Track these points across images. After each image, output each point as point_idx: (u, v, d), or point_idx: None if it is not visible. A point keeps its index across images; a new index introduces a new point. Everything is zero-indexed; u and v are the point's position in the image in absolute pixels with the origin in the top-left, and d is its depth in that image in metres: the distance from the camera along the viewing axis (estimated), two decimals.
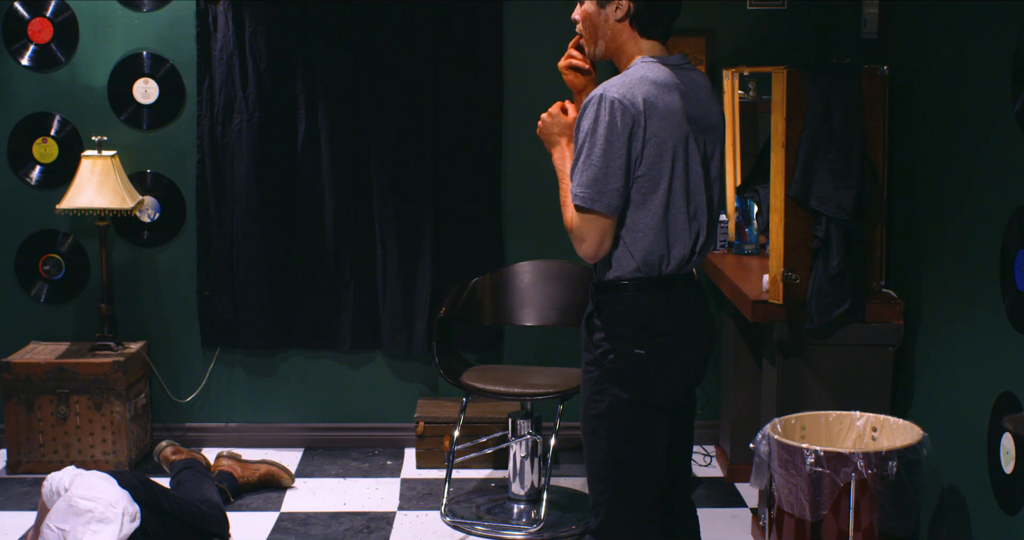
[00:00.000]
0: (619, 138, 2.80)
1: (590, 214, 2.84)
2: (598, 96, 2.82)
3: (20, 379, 4.80)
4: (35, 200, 5.05)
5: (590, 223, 2.85)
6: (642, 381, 2.94)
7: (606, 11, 2.95)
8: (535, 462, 4.44)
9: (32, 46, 4.97)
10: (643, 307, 2.92)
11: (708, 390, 5.10)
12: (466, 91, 4.95)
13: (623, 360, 2.92)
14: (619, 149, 2.80)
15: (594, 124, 2.81)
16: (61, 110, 5.01)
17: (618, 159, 2.81)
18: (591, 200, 2.82)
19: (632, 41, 2.95)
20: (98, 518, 3.59)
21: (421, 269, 4.99)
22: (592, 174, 2.81)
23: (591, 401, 2.98)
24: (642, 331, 2.92)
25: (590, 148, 2.82)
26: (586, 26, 3.01)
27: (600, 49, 3.01)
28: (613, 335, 2.93)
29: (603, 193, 2.81)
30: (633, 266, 2.90)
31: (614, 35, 2.96)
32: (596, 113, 2.81)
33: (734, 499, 4.61)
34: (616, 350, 2.92)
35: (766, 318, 3.94)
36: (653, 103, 2.83)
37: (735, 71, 4.84)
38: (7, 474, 4.87)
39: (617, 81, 2.86)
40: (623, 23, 2.94)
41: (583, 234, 2.87)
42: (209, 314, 5.06)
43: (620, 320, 2.93)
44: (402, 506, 4.55)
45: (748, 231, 4.72)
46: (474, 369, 4.52)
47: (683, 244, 2.93)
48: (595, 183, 2.81)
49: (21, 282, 5.10)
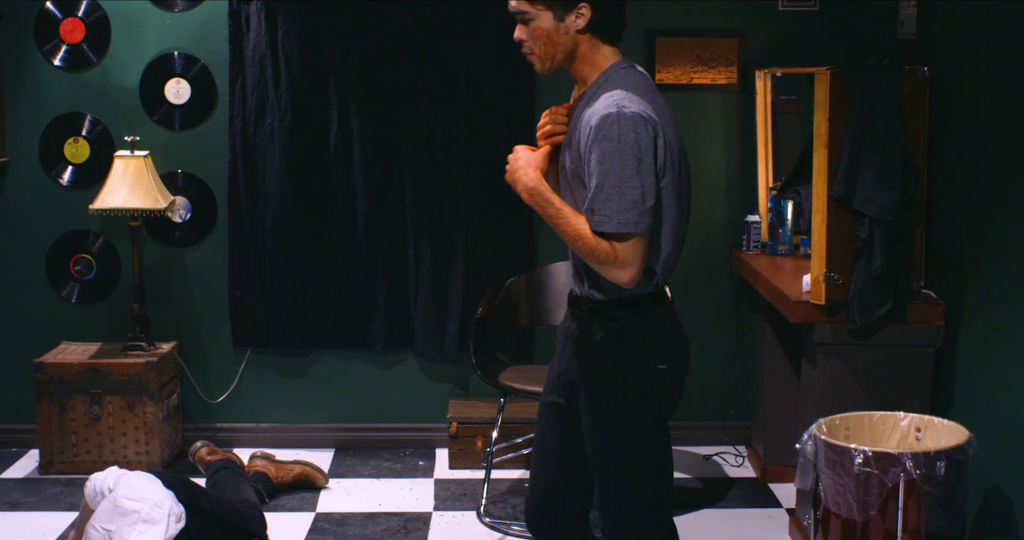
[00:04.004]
0: (647, 154, 2.69)
1: (634, 238, 2.72)
2: (615, 114, 2.67)
3: (53, 379, 4.80)
4: (66, 200, 5.05)
5: (635, 247, 2.73)
6: (667, 397, 2.92)
7: (565, 23, 2.80)
8: None
9: (64, 46, 4.96)
10: (657, 321, 2.88)
11: (740, 391, 5.11)
12: (499, 90, 4.95)
13: (650, 378, 2.86)
14: (648, 165, 2.70)
15: (620, 145, 2.67)
16: (92, 110, 5.00)
17: (650, 176, 2.70)
18: (635, 224, 2.70)
19: (593, 49, 2.83)
20: (144, 518, 3.59)
21: (453, 270, 4.99)
22: (632, 197, 2.68)
23: (616, 425, 2.88)
24: (659, 345, 2.88)
25: (622, 170, 2.67)
26: (542, 43, 2.82)
27: (556, 63, 2.86)
28: (637, 353, 2.85)
29: (643, 214, 2.71)
30: (656, 279, 2.84)
31: (575, 45, 2.82)
32: (619, 132, 2.67)
33: (769, 499, 4.61)
34: (640, 368, 2.85)
35: (808, 319, 3.94)
36: (661, 111, 2.78)
37: (767, 72, 4.84)
38: (39, 474, 4.86)
39: (622, 95, 2.71)
40: (584, 33, 2.81)
41: (630, 260, 2.73)
42: (241, 314, 5.06)
43: (641, 336, 2.85)
44: (437, 506, 4.55)
45: (782, 232, 4.72)
46: (510, 369, 4.52)
47: (678, 253, 2.90)
48: (635, 206, 2.69)
49: (52, 282, 5.10)
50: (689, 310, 5.01)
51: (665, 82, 4.96)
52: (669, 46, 4.96)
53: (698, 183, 5.00)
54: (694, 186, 4.91)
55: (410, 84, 4.93)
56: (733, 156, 5.03)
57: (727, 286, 5.08)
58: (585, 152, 2.73)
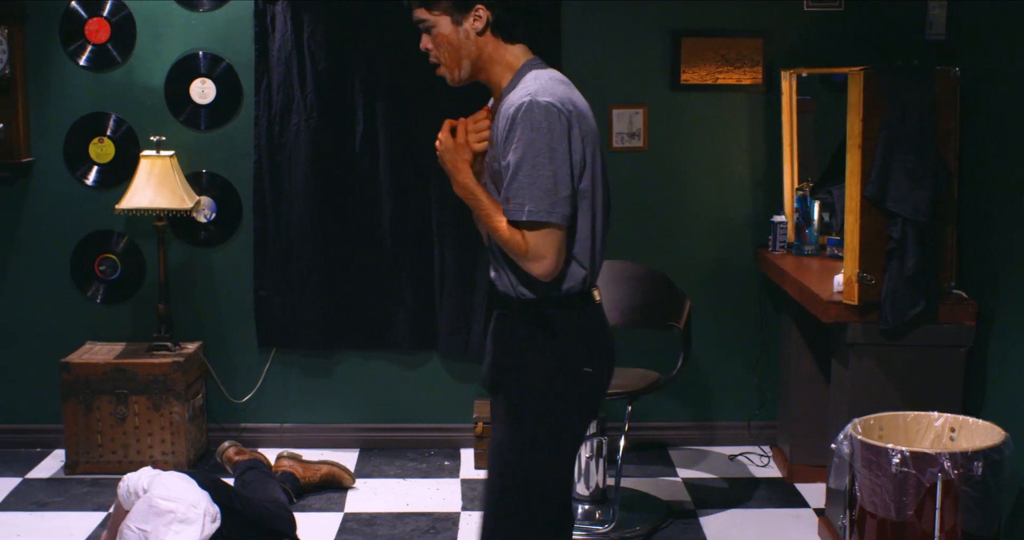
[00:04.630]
0: (560, 143, 2.65)
1: (546, 228, 2.67)
2: (527, 103, 2.64)
3: (79, 379, 4.79)
4: (91, 200, 5.05)
5: (547, 237, 2.67)
6: (587, 400, 2.84)
7: (464, 27, 2.75)
8: (600, 463, 4.44)
9: (90, 46, 4.96)
10: (586, 322, 2.81)
11: (765, 391, 5.11)
12: None
13: (573, 380, 2.79)
14: (562, 155, 2.66)
15: (534, 134, 2.63)
16: (117, 110, 5.00)
17: (564, 165, 2.66)
18: (546, 213, 2.65)
19: (499, 50, 2.78)
20: (180, 519, 3.59)
21: (479, 269, 4.99)
22: (544, 185, 2.64)
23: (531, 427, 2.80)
24: (588, 347, 2.81)
25: (535, 158, 2.64)
26: (445, 50, 2.78)
27: (465, 71, 2.80)
28: (564, 354, 2.78)
29: (556, 203, 2.65)
30: (583, 276, 2.77)
31: (479, 49, 2.77)
32: (532, 122, 2.63)
33: (796, 499, 4.61)
34: (567, 369, 2.78)
35: (840, 319, 3.95)
36: (575, 101, 2.73)
37: (793, 72, 4.84)
38: (65, 474, 4.86)
39: (536, 86, 2.68)
40: (485, 35, 2.76)
41: (542, 251, 2.68)
42: (265, 314, 5.06)
43: (568, 337, 2.78)
44: (465, 506, 4.55)
45: (808, 232, 4.73)
46: None
47: (603, 248, 2.85)
48: (547, 194, 2.65)
49: (77, 282, 5.09)
50: (714, 310, 5.02)
51: (690, 82, 4.97)
52: (694, 46, 4.96)
53: (722, 183, 5.05)
54: (719, 186, 5.02)
55: (435, 84, 4.89)
56: (758, 156, 5.03)
57: (752, 286, 5.08)
58: (502, 143, 2.69)
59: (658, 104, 5.00)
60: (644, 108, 4.99)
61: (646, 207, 5.05)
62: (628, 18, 4.96)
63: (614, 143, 5.01)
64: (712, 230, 5.06)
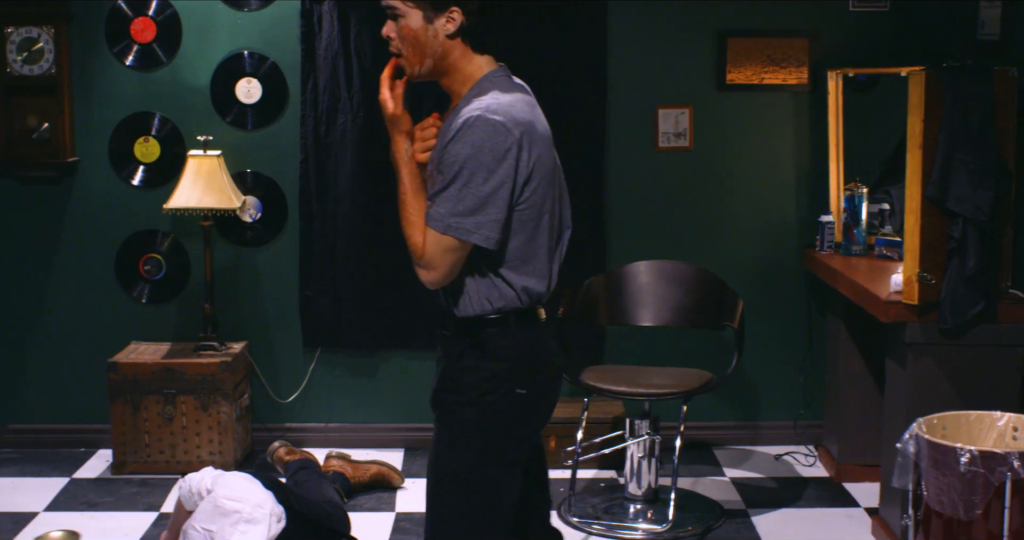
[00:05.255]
0: (502, 164, 2.54)
1: (456, 244, 2.57)
2: (475, 117, 2.53)
3: (127, 379, 4.79)
4: (136, 200, 5.04)
5: (450, 253, 2.57)
6: (521, 424, 2.73)
7: (435, 26, 2.63)
8: (652, 462, 4.44)
9: (135, 46, 4.95)
10: (524, 342, 2.68)
11: (811, 391, 5.12)
12: (570, 90, 4.95)
13: (505, 400, 2.68)
14: (502, 176, 2.55)
15: (475, 150, 2.53)
16: (162, 109, 5.00)
17: (501, 188, 2.55)
18: (466, 232, 2.55)
19: (465, 58, 2.66)
20: (246, 519, 3.58)
21: None
22: (472, 203, 2.54)
23: (453, 449, 2.70)
24: (524, 368, 2.69)
25: (469, 175, 2.53)
26: (409, 44, 2.66)
27: (426, 68, 2.68)
28: (494, 374, 2.66)
29: (482, 225, 2.55)
30: (513, 297, 2.66)
31: (445, 53, 2.65)
32: (477, 137, 2.53)
33: (845, 499, 4.62)
34: (497, 390, 2.66)
35: (899, 318, 3.95)
36: (531, 122, 2.62)
37: (839, 72, 4.85)
38: (112, 474, 4.85)
39: (492, 101, 2.58)
40: (455, 39, 2.64)
41: (436, 263, 2.58)
42: (311, 314, 5.05)
43: (502, 356, 2.66)
44: None
45: (856, 232, 4.73)
46: (591, 369, 4.52)
47: (554, 271, 2.76)
48: (474, 213, 2.54)
49: (122, 282, 5.09)
50: (759, 310, 5.02)
51: (736, 82, 4.97)
52: (740, 47, 4.96)
53: (768, 183, 5.05)
54: (765, 186, 5.02)
55: None
56: (803, 156, 5.04)
57: (798, 286, 5.09)
58: (440, 150, 2.59)
59: (704, 104, 5.00)
60: (690, 108, 5.00)
61: (691, 207, 5.06)
62: (674, 18, 4.96)
63: (660, 143, 5.01)
64: (757, 230, 5.07)
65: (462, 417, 2.69)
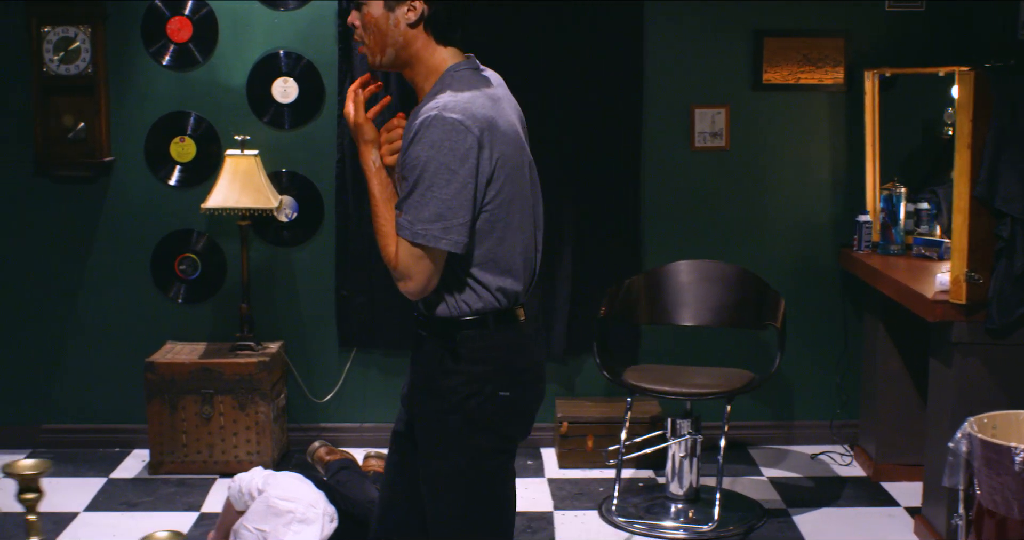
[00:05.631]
0: (464, 164, 2.48)
1: (427, 251, 2.51)
2: (432, 116, 2.46)
3: (164, 379, 4.78)
4: (171, 199, 5.04)
5: (422, 260, 2.51)
6: (508, 425, 2.66)
7: (396, 14, 2.57)
8: (694, 462, 4.44)
9: (172, 46, 4.95)
10: (504, 344, 2.63)
11: (846, 390, 5.12)
12: (606, 90, 4.95)
13: (488, 405, 2.61)
14: (465, 177, 2.48)
15: (434, 151, 2.46)
16: (197, 108, 4.99)
17: (465, 189, 2.49)
18: (435, 238, 2.48)
19: (428, 49, 2.60)
20: (299, 519, 3.58)
21: (560, 269, 4.99)
22: (437, 208, 2.47)
23: (447, 454, 2.64)
24: (504, 370, 2.63)
25: (432, 178, 2.47)
26: (371, 33, 2.60)
27: (388, 58, 2.62)
28: (478, 377, 2.60)
29: (449, 229, 2.49)
30: (490, 299, 2.61)
31: (406, 43, 2.59)
32: (435, 138, 2.46)
33: (885, 498, 4.62)
34: (479, 393, 2.60)
35: (946, 318, 3.96)
36: (493, 118, 2.54)
37: (876, 72, 4.86)
38: (149, 474, 4.85)
39: (450, 99, 2.50)
40: (416, 29, 2.58)
41: (411, 272, 2.52)
42: (347, 314, 5.05)
43: (481, 359, 2.60)
44: (557, 506, 4.55)
45: (894, 231, 4.74)
46: (633, 369, 4.53)
47: (529, 270, 2.70)
48: (441, 217, 2.48)
49: (157, 282, 5.08)
50: (795, 309, 5.02)
51: (772, 82, 4.98)
52: (776, 46, 4.97)
53: (804, 183, 5.05)
54: (800, 186, 5.02)
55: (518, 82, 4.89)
56: (838, 156, 5.04)
57: (834, 285, 5.09)
58: (403, 154, 2.54)
59: (740, 104, 5.01)
60: (726, 108, 5.00)
61: (727, 206, 5.06)
62: (711, 18, 4.97)
63: (696, 143, 5.02)
64: (793, 229, 5.07)
65: (448, 425, 2.62)
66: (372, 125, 2.65)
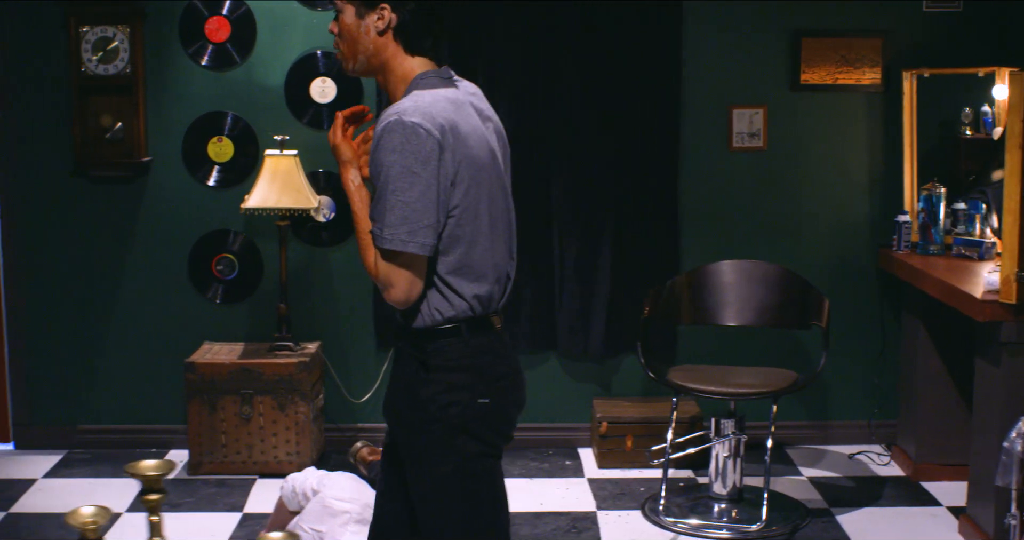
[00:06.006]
0: (427, 167, 2.47)
1: (400, 257, 2.50)
2: (391, 122, 2.48)
3: (204, 380, 4.78)
4: (208, 199, 5.03)
5: (400, 268, 2.51)
6: (488, 432, 2.63)
7: (366, 22, 2.59)
8: (737, 462, 4.45)
9: (210, 46, 4.94)
10: (480, 351, 2.61)
11: (884, 390, 5.13)
12: (644, 90, 4.95)
13: (468, 411, 2.59)
14: (428, 179, 2.48)
15: (395, 154, 2.46)
16: (234, 108, 4.99)
17: (430, 191, 2.48)
18: (402, 242, 2.48)
19: (398, 58, 2.61)
20: (356, 519, 3.58)
21: (599, 270, 4.99)
22: (401, 212, 2.47)
23: (432, 462, 2.62)
24: (483, 378, 2.61)
25: (395, 182, 2.47)
26: (345, 40, 2.63)
27: (360, 65, 2.64)
28: (453, 385, 2.59)
29: (415, 232, 2.48)
30: (464, 307, 2.59)
31: (376, 50, 2.61)
32: (396, 142, 2.46)
33: (926, 498, 4.63)
34: (459, 402, 2.58)
35: (995, 318, 3.96)
36: (455, 122, 2.53)
37: (914, 73, 4.87)
38: (188, 475, 4.84)
39: (410, 104, 2.51)
40: (386, 37, 2.60)
41: (391, 279, 2.52)
42: (385, 315, 5.04)
43: (457, 367, 2.59)
44: (600, 506, 4.55)
45: (934, 231, 4.75)
46: (677, 369, 4.53)
47: (504, 276, 2.68)
48: (405, 221, 2.47)
49: (194, 282, 5.08)
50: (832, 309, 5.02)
51: (810, 82, 4.99)
52: (814, 47, 4.98)
53: (841, 183, 5.06)
54: (838, 186, 5.03)
55: (558, 83, 4.94)
56: (876, 156, 5.05)
57: (871, 285, 5.10)
58: (372, 162, 2.55)
59: (778, 104, 5.02)
60: (764, 108, 5.01)
61: (765, 207, 5.07)
62: (748, 18, 4.97)
63: (734, 143, 5.02)
64: (831, 229, 5.08)
65: (430, 434, 2.60)
66: (350, 145, 2.67)
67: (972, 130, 4.94)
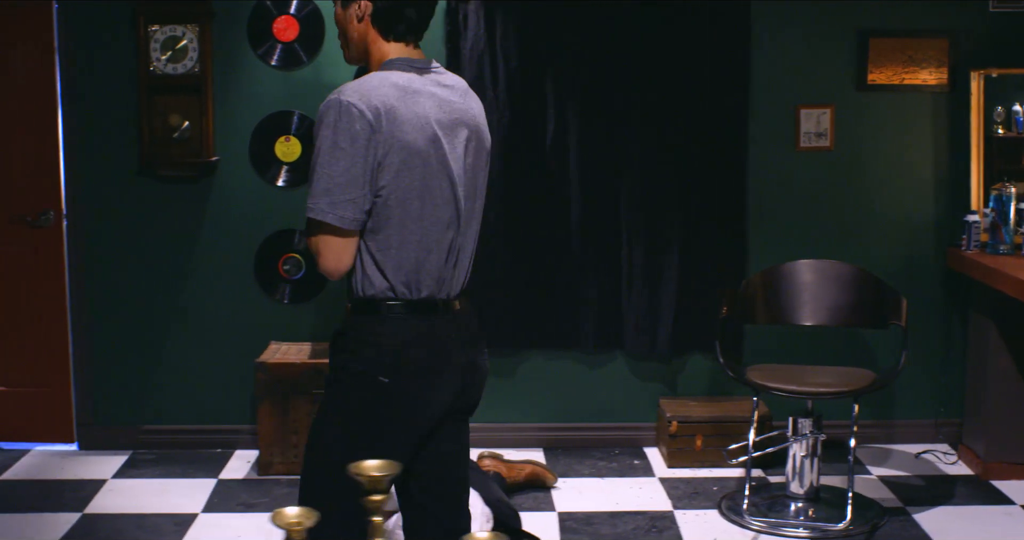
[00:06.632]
0: (354, 144, 2.56)
1: (322, 227, 2.59)
2: (332, 100, 2.59)
3: (275, 380, 4.77)
4: (274, 199, 5.02)
5: (321, 236, 2.61)
6: (378, 414, 2.68)
7: (349, 12, 2.74)
8: (815, 461, 4.46)
9: (279, 46, 4.93)
10: (394, 332, 2.66)
11: (950, 389, 5.15)
12: (712, 90, 4.96)
13: (364, 387, 2.67)
14: (355, 156, 2.56)
15: (327, 130, 2.57)
16: (300, 108, 4.98)
17: (355, 167, 2.57)
18: (322, 211, 2.57)
19: (376, 44, 2.74)
20: None
21: (667, 269, 4.99)
22: (325, 184, 2.57)
23: (323, 424, 2.73)
24: (389, 358, 2.66)
25: (323, 156, 2.58)
26: (338, 28, 2.80)
27: (353, 52, 2.79)
28: (359, 358, 2.67)
29: (336, 204, 2.56)
30: (385, 286, 2.66)
31: (360, 37, 2.75)
32: (330, 119, 2.58)
33: (998, 497, 4.65)
34: (359, 374, 2.67)
35: None
36: (394, 106, 2.60)
37: (982, 73, 4.89)
38: (258, 475, 4.83)
39: (354, 85, 2.62)
40: (364, 24, 2.73)
41: (317, 248, 2.62)
42: None
43: (368, 342, 2.67)
44: (676, 505, 4.55)
45: (1004, 231, 4.76)
46: (754, 368, 4.54)
47: (438, 262, 2.70)
48: (328, 193, 2.57)
49: (261, 282, 5.07)
50: None
51: (877, 82, 5.00)
52: (881, 47, 4.99)
53: (908, 183, 5.07)
54: (905, 186, 5.04)
55: (627, 83, 4.94)
56: (941, 156, 5.07)
57: (937, 284, 5.12)
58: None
59: (845, 104, 5.03)
60: (831, 108, 5.02)
61: (832, 206, 5.08)
62: (816, 18, 4.98)
63: (801, 143, 5.03)
64: (898, 229, 5.10)
65: (330, 392, 2.74)
66: None
67: (1004, 129, 4.98)
